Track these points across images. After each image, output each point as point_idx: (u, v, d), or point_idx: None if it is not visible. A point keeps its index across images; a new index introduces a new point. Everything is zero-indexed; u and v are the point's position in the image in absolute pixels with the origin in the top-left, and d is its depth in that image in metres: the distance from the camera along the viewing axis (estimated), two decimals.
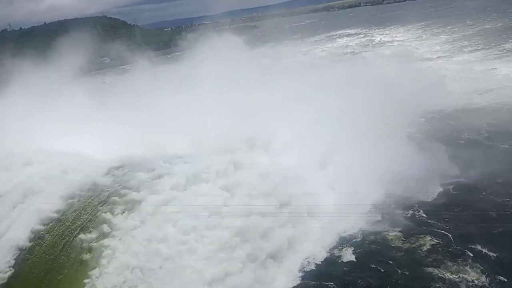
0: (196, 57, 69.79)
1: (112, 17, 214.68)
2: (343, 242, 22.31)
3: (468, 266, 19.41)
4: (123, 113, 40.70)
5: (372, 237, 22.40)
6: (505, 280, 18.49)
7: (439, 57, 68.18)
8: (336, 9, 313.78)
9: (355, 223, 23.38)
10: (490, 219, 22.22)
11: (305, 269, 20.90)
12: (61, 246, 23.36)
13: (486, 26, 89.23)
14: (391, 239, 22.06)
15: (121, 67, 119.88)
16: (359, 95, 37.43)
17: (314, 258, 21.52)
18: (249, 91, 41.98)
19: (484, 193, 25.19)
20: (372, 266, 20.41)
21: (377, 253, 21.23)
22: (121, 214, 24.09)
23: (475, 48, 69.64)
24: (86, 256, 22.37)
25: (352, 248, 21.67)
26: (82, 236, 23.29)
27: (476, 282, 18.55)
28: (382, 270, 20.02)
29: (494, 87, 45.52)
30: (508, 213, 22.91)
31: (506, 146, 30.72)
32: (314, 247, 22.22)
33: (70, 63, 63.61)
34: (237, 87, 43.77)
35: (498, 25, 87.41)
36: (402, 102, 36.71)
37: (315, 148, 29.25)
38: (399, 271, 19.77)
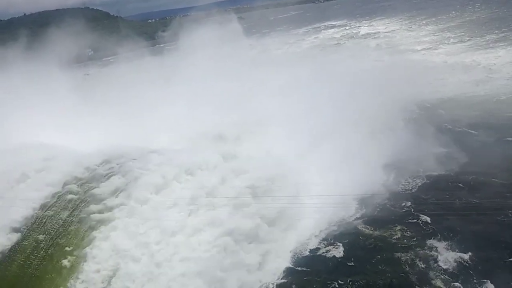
0: (182, 49, 68.93)
1: (95, 8, 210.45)
2: (324, 233, 22.41)
3: (438, 255, 19.87)
4: (110, 108, 39.85)
5: (350, 228, 22.60)
6: (473, 267, 19.00)
7: (424, 48, 68.61)
8: (322, 1, 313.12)
9: (335, 213, 23.47)
10: (456, 209, 22.76)
11: (290, 259, 20.95)
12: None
13: (470, 17, 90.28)
14: (369, 229, 22.31)
15: (104, 59, 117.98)
16: (346, 86, 37.57)
17: (299, 248, 21.55)
18: (238, 82, 41.65)
19: (459, 185, 25.53)
20: (352, 257, 20.56)
21: (354, 243, 21.43)
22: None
23: (461, 39, 70.31)
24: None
25: (332, 240, 21.80)
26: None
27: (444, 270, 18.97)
28: (359, 260, 20.25)
29: (481, 77, 46.03)
30: (473, 203, 23.28)
31: (492, 140, 30.88)
32: (298, 237, 22.27)
33: (52, 56, 62.03)
34: (226, 78, 43.31)
35: (482, 16, 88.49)
36: (388, 92, 36.87)
37: (303, 138, 29.51)
38: (375, 260, 20.04)
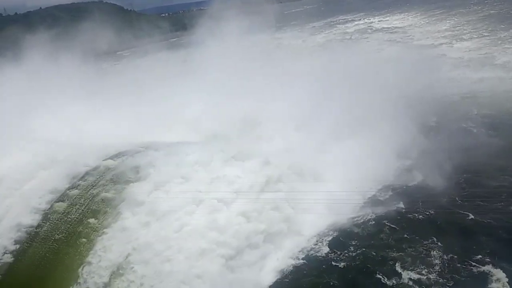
0: (196, 43, 68.88)
1: (109, 2, 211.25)
2: (327, 233, 22.15)
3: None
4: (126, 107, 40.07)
5: (354, 228, 22.26)
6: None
7: (443, 43, 67.31)
8: None
9: (340, 211, 23.04)
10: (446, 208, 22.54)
11: (286, 260, 20.73)
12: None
13: (490, 11, 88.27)
14: (373, 228, 21.99)
15: (118, 53, 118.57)
16: (362, 79, 37.19)
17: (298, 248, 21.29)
18: (257, 77, 41.40)
19: (454, 185, 24.93)
20: (353, 258, 20.30)
21: (344, 243, 21.25)
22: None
23: (481, 34, 68.74)
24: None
25: (335, 240, 21.57)
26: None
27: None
28: (350, 259, 20.14)
29: (502, 75, 44.89)
30: (461, 202, 23.08)
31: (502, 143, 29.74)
32: (298, 237, 22.05)
33: (69, 49, 62.62)
34: (244, 74, 43.07)
35: (503, 10, 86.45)
36: (397, 88, 36.12)
37: (312, 135, 29.28)
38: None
